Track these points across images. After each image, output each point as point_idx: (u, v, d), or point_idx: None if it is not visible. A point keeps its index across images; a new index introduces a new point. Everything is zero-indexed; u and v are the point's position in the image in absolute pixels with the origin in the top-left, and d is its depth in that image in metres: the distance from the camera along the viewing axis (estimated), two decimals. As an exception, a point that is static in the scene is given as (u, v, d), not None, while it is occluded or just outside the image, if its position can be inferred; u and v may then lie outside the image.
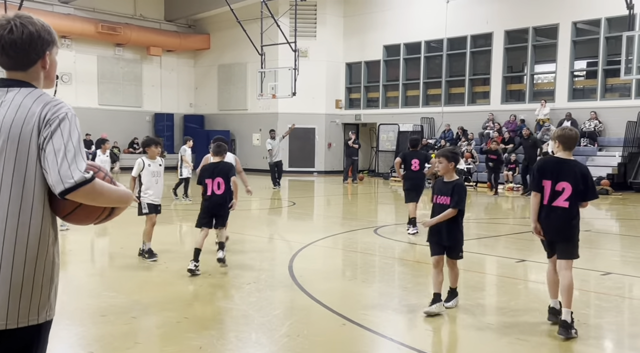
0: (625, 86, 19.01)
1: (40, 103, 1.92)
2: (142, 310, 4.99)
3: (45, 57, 2.01)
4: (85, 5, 24.75)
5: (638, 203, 15.24)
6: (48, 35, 2.00)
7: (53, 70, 2.07)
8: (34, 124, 1.89)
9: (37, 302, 1.94)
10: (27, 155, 1.89)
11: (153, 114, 27.77)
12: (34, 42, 1.96)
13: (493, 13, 21.33)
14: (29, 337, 1.95)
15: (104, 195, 1.96)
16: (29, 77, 1.99)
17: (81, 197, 1.89)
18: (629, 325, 4.91)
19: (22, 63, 1.97)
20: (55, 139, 1.88)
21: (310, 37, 25.09)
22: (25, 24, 1.95)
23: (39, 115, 1.90)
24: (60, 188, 1.86)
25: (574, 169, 4.44)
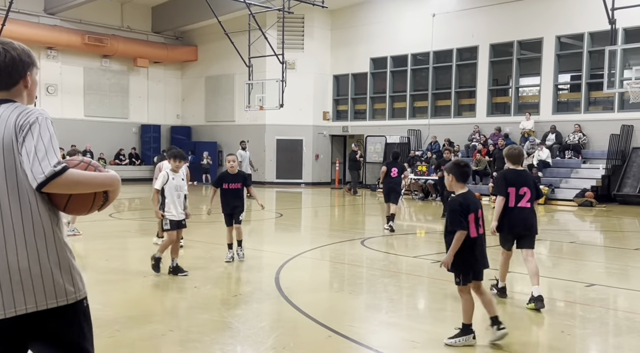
0: (608, 99, 19.30)
1: (15, 112, 2.14)
2: (127, 323, 4.94)
3: (27, 77, 2.25)
4: (71, 17, 24.69)
5: (622, 215, 15.42)
6: (28, 58, 2.25)
7: (34, 89, 2.30)
8: (11, 133, 2.11)
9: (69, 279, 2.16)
10: (14, 161, 2.10)
11: (140, 125, 27.65)
12: (16, 65, 2.20)
13: (478, 27, 21.61)
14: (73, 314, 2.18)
15: (82, 183, 2.12)
16: (12, 95, 2.22)
17: (57, 188, 2.07)
18: (613, 336, 4.94)
19: (6, 83, 2.21)
20: (27, 142, 2.08)
21: (297, 49, 25.21)
22: (7, 49, 2.19)
23: (13, 124, 2.11)
24: (35, 184, 2.05)
25: (530, 177, 5.76)
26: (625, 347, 4.56)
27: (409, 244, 10.12)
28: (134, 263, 8.16)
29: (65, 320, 2.18)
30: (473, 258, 4.38)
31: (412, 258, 8.40)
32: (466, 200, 4.39)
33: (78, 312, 2.21)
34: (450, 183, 4.50)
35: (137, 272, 7.45)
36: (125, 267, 7.84)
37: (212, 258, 8.20)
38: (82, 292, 2.22)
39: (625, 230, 13.03)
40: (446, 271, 4.47)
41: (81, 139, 25.04)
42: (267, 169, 25.63)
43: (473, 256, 4.37)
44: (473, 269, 4.40)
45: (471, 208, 4.35)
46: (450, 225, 4.37)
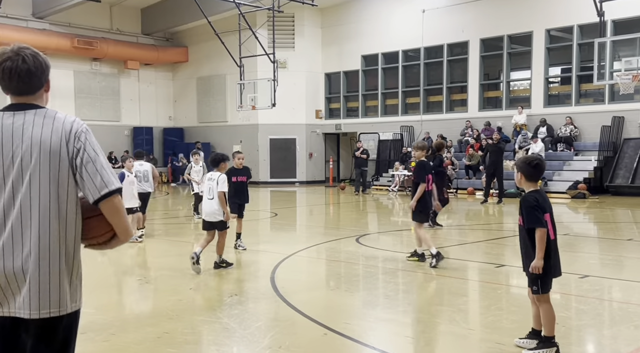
0: (599, 91, 19.38)
1: (64, 120, 2.24)
2: (121, 327, 4.92)
3: (49, 82, 2.35)
4: (60, 21, 24.56)
5: (614, 206, 15.50)
6: (48, 63, 2.37)
7: (49, 94, 2.41)
8: (60, 138, 2.19)
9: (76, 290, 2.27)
10: (58, 166, 2.18)
11: (132, 127, 27.56)
12: (43, 69, 2.30)
13: (468, 22, 21.65)
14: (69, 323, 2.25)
15: (121, 212, 2.27)
16: (36, 100, 2.30)
17: (109, 206, 2.21)
18: (608, 326, 4.97)
19: (34, 88, 2.28)
20: (87, 154, 2.21)
21: (288, 48, 25.18)
22: (34, 55, 2.29)
23: (66, 132, 2.21)
24: (97, 196, 2.18)
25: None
26: (620, 337, 4.58)
27: (403, 241, 10.13)
28: (127, 266, 8.13)
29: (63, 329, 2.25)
30: (551, 264, 3.99)
31: (407, 254, 8.41)
32: (542, 197, 4.06)
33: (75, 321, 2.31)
34: (520, 180, 4.16)
35: (131, 275, 7.44)
36: (118, 271, 7.82)
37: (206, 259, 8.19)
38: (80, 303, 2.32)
39: (618, 221, 13.11)
40: (532, 276, 4.01)
41: (73, 142, 24.96)
42: (261, 169, 25.60)
43: (552, 261, 3.99)
44: (552, 276, 4.04)
45: (547, 208, 4.02)
46: (528, 223, 3.97)
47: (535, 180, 4.14)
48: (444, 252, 8.72)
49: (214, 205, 7.05)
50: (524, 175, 4.11)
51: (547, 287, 4.05)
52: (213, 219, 7.08)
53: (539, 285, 4.01)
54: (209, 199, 7.11)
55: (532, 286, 4.06)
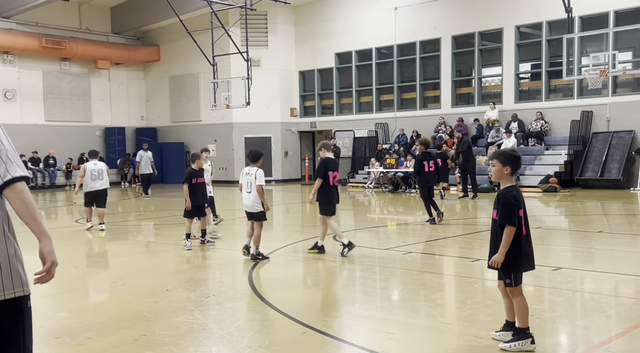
0: (568, 87, 19.78)
1: None
2: (98, 330, 4.85)
3: None
4: (27, 20, 24.03)
5: (585, 199, 15.84)
6: None
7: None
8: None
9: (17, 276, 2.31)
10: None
11: (103, 128, 27.14)
12: None
13: (440, 19, 21.86)
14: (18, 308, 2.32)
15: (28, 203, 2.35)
16: None
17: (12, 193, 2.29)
18: (581, 317, 5.08)
19: None
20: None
21: (262, 46, 25.09)
22: None
23: None
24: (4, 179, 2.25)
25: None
26: (593, 327, 4.70)
27: (380, 237, 10.20)
28: (103, 269, 8.02)
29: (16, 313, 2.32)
30: (525, 257, 4.05)
31: (384, 250, 8.48)
32: (519, 194, 4.05)
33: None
34: (504, 174, 4.06)
35: (107, 277, 7.34)
36: (94, 273, 7.70)
37: (182, 260, 8.13)
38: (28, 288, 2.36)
39: (589, 214, 13.40)
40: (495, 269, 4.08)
41: (43, 144, 24.43)
42: (236, 168, 25.46)
43: (524, 255, 4.05)
44: (524, 270, 4.10)
45: (521, 204, 4.03)
46: (501, 219, 3.97)
47: (515, 174, 4.17)
48: (420, 247, 8.81)
49: (251, 197, 7.60)
50: (512, 168, 4.06)
51: (519, 280, 4.09)
52: (252, 210, 7.64)
53: (512, 279, 4.06)
54: (247, 193, 7.62)
55: (505, 279, 4.10)
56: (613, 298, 5.73)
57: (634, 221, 11.95)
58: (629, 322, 4.77)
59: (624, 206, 14.28)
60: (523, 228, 4.05)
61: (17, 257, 2.33)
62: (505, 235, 3.96)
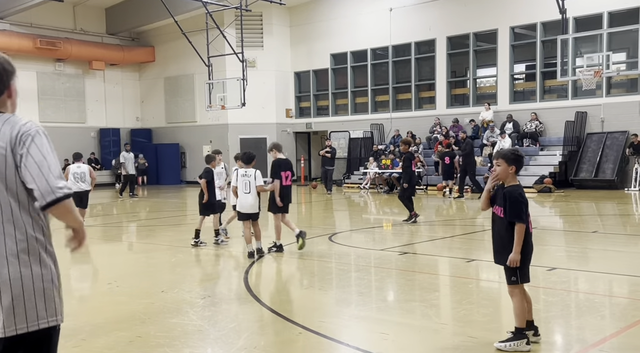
0: (562, 87, 19.85)
1: (11, 124, 2.15)
2: (92, 332, 4.83)
3: (11, 87, 2.24)
4: (21, 21, 23.93)
5: (579, 199, 15.90)
6: (10, 67, 2.25)
7: (16, 98, 2.29)
8: (7, 144, 2.11)
9: (50, 305, 2.13)
10: (4, 172, 2.10)
11: (98, 129, 27.05)
12: (4, 74, 2.21)
13: (435, 20, 21.90)
14: (38, 341, 2.12)
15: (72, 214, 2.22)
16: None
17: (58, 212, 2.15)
18: (575, 317, 5.10)
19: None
20: (31, 156, 2.10)
21: (257, 47, 25.07)
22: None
23: (13, 136, 2.12)
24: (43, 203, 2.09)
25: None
26: (587, 327, 4.71)
27: (376, 238, 10.20)
28: (97, 270, 8.00)
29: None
30: (530, 255, 4.13)
31: (379, 251, 8.48)
32: (524, 192, 4.16)
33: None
34: (509, 174, 4.12)
35: (101, 279, 7.31)
36: (88, 274, 7.68)
37: (177, 261, 8.11)
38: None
39: (583, 214, 13.45)
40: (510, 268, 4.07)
41: (37, 145, 24.31)
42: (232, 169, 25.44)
43: (531, 252, 4.13)
44: (529, 266, 4.14)
45: (527, 202, 4.11)
46: (511, 216, 4.01)
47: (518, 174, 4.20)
48: (415, 247, 8.82)
49: (250, 198, 7.80)
50: (517, 168, 4.13)
51: (525, 278, 4.13)
52: (252, 210, 7.86)
53: (518, 276, 4.08)
54: (245, 193, 7.80)
55: (510, 276, 4.11)
56: (607, 298, 5.76)
57: (628, 221, 12.00)
58: (623, 321, 4.79)
59: (618, 206, 14.34)
60: (530, 225, 4.11)
61: (53, 282, 2.17)
62: (518, 233, 4.01)
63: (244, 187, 7.84)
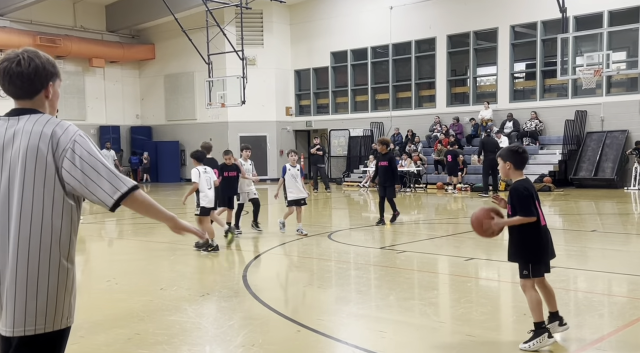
0: (562, 86, 19.84)
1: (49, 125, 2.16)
2: (91, 329, 4.84)
3: (49, 88, 2.24)
4: (21, 18, 23.91)
5: (579, 198, 15.90)
6: (52, 68, 2.25)
7: (55, 100, 2.30)
8: (47, 146, 2.12)
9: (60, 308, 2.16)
10: (44, 174, 2.11)
11: (98, 126, 27.04)
12: (39, 74, 2.20)
13: (435, 18, 21.88)
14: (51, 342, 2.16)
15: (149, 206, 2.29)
16: (35, 105, 2.23)
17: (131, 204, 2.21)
18: (574, 316, 5.10)
19: (28, 92, 2.21)
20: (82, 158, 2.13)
21: (257, 45, 25.05)
22: (32, 58, 2.20)
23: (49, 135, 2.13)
24: (111, 202, 2.15)
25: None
26: (585, 326, 4.72)
27: (375, 236, 10.20)
28: (95, 267, 8.00)
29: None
30: (544, 248, 4.08)
31: (378, 249, 8.49)
32: (530, 185, 4.12)
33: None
34: (507, 171, 4.16)
35: (100, 276, 7.32)
36: (87, 272, 7.68)
37: (176, 259, 8.11)
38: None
39: (583, 213, 13.45)
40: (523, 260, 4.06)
41: (37, 143, 24.34)
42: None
43: (544, 246, 4.08)
44: (545, 261, 4.10)
45: (535, 196, 4.06)
46: (520, 213, 3.99)
47: (522, 168, 4.19)
48: (414, 246, 8.83)
49: (213, 193, 8.39)
50: (513, 163, 4.13)
51: (537, 272, 4.07)
52: (212, 205, 8.44)
53: (530, 269, 4.03)
54: (209, 189, 8.35)
55: (522, 270, 4.05)
56: (606, 297, 5.76)
57: (627, 220, 12.00)
58: (621, 320, 4.80)
59: (617, 205, 14.34)
60: (542, 218, 4.07)
61: (67, 287, 2.18)
62: (517, 219, 4.01)
63: (207, 183, 8.38)
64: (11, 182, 2.11)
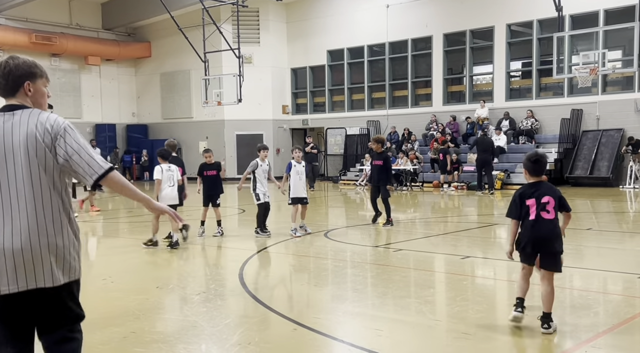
0: (558, 85, 19.88)
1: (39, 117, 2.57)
2: (86, 327, 4.79)
3: (26, 85, 2.63)
4: (17, 15, 23.82)
5: (574, 196, 15.94)
6: (28, 68, 2.65)
7: (39, 97, 2.68)
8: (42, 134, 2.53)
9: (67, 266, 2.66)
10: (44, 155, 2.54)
11: (94, 124, 26.99)
12: (12, 74, 2.61)
13: (431, 17, 21.90)
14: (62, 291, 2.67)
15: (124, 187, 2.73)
16: (21, 101, 2.63)
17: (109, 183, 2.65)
18: (569, 313, 5.12)
19: (7, 90, 2.63)
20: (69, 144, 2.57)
21: (253, 43, 25.02)
22: (7, 62, 2.63)
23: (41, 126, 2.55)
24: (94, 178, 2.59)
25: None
26: (581, 324, 4.73)
27: (371, 234, 10.21)
28: (92, 265, 7.98)
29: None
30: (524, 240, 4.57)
31: (375, 247, 8.50)
32: (527, 189, 4.64)
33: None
34: (526, 176, 4.81)
35: (96, 274, 7.30)
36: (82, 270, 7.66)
37: (172, 257, 8.11)
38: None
39: (578, 211, 13.49)
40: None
41: (33, 141, 24.28)
42: (228, 165, 25.36)
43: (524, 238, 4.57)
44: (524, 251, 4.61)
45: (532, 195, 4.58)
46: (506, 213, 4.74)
47: (536, 175, 4.71)
48: (411, 244, 8.84)
49: (175, 191, 8.71)
50: (527, 170, 4.74)
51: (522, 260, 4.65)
52: (177, 202, 8.73)
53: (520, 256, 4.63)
54: (170, 186, 8.66)
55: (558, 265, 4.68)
56: (601, 295, 5.79)
57: (622, 219, 12.04)
58: (616, 318, 4.82)
59: (612, 204, 14.39)
60: (531, 214, 4.52)
61: (74, 247, 2.67)
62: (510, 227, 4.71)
63: (169, 181, 8.68)
64: (18, 167, 2.53)
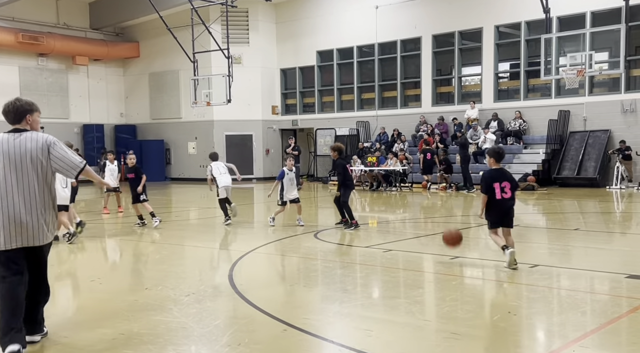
0: (546, 86, 20.05)
1: (40, 136, 4.27)
2: (75, 329, 4.79)
3: (28, 117, 4.31)
4: (3, 15, 23.58)
5: (562, 197, 16.08)
6: (28, 107, 4.32)
7: (35, 125, 4.36)
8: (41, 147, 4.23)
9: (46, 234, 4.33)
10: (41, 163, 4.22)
11: (81, 125, 26.79)
12: (19, 111, 4.30)
13: (420, 18, 21.99)
14: (47, 246, 4.46)
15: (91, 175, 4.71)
16: (24, 126, 4.30)
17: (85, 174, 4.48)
18: (557, 313, 5.16)
19: (15, 120, 4.31)
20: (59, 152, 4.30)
21: (243, 43, 24.98)
22: (15, 102, 4.31)
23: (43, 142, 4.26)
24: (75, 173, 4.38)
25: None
26: (568, 323, 4.77)
27: (361, 235, 10.23)
28: (80, 267, 7.93)
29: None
30: (494, 213, 6.78)
31: (364, 248, 8.51)
32: (497, 172, 6.80)
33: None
34: (491, 163, 6.87)
35: (84, 275, 7.25)
36: (71, 271, 7.61)
37: (161, 259, 8.07)
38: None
39: (566, 212, 13.61)
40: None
41: (19, 141, 24.04)
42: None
43: (494, 211, 6.76)
44: (495, 221, 6.82)
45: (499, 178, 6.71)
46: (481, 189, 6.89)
47: (499, 162, 6.91)
48: (400, 244, 8.88)
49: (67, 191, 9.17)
50: (494, 158, 6.83)
51: (492, 226, 6.83)
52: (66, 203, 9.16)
53: (489, 224, 6.89)
54: (63, 188, 9.02)
55: (488, 224, 6.93)
56: (588, 294, 5.84)
57: (609, 219, 12.17)
58: (604, 318, 4.86)
59: (599, 204, 14.53)
60: (497, 194, 6.69)
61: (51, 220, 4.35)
62: (481, 199, 6.85)
63: (62, 182, 8.98)
64: (24, 169, 4.18)
